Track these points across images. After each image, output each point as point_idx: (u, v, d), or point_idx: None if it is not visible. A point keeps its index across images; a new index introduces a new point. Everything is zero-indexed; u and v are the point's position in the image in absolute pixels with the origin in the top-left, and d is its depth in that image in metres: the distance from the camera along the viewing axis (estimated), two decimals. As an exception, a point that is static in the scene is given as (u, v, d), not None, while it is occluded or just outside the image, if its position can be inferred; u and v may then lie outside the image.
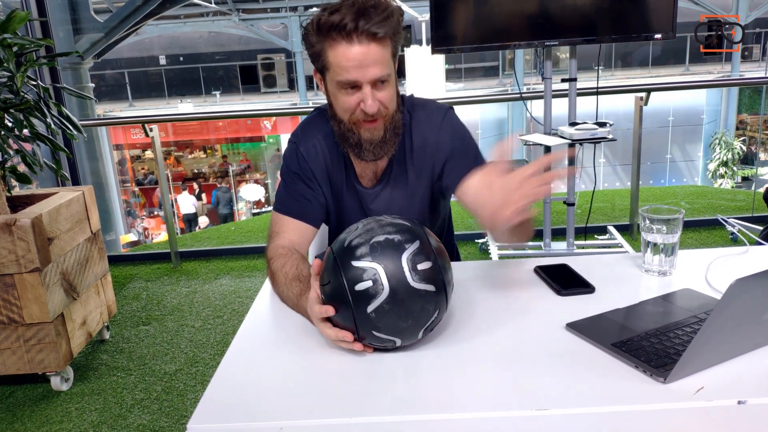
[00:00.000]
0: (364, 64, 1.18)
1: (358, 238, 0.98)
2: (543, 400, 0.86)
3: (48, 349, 2.29)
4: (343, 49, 1.18)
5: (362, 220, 1.04)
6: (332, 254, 0.99)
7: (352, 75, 1.19)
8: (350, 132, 1.28)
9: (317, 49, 1.21)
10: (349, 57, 1.17)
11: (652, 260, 1.26)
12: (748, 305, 0.84)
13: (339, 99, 1.25)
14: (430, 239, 1.00)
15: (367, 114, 1.24)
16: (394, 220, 1.01)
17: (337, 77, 1.21)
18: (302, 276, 1.20)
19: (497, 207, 1.04)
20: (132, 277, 3.66)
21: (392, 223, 1.00)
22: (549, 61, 2.97)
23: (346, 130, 1.29)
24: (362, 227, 1.00)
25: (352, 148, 1.31)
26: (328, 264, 1.00)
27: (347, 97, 1.23)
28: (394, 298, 0.93)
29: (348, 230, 1.02)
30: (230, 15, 13.69)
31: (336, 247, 1.00)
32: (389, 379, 0.95)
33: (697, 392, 0.86)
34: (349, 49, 1.17)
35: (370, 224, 1.00)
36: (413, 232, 0.99)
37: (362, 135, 1.28)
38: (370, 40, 1.17)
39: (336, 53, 1.19)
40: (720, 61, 13.80)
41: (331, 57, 1.20)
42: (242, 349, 1.07)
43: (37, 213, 2.21)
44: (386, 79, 1.23)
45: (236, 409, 0.89)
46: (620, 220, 4.11)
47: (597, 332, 1.02)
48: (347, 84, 1.21)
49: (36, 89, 2.43)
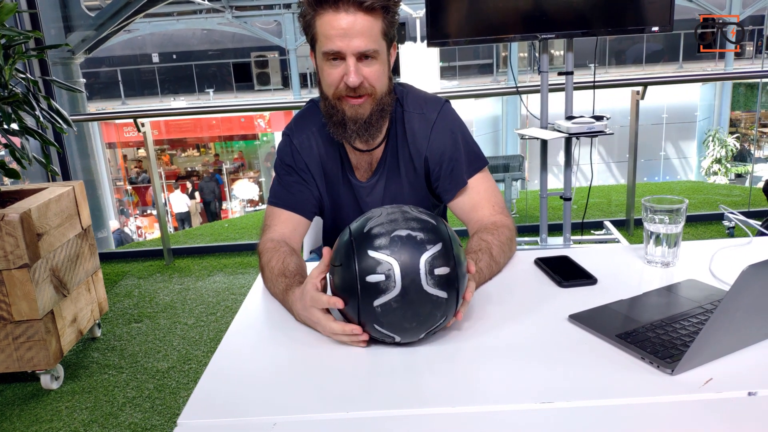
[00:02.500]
0: (349, 34, 1.16)
1: (379, 227, 0.93)
2: (547, 393, 0.83)
3: (37, 347, 2.25)
4: (329, 18, 1.16)
5: (386, 207, 0.99)
6: (350, 236, 0.94)
7: (336, 44, 1.17)
8: (334, 109, 1.26)
9: (308, 19, 1.20)
10: (334, 25, 1.16)
11: (655, 251, 1.23)
12: (759, 293, 0.81)
13: (324, 72, 1.23)
14: (454, 243, 0.94)
15: (350, 88, 1.21)
16: (420, 215, 0.96)
17: (323, 48, 1.19)
18: (288, 271, 1.16)
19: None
20: (124, 274, 3.61)
21: (418, 218, 0.94)
22: (545, 54, 2.94)
23: (330, 107, 1.26)
24: (386, 215, 0.95)
25: (337, 127, 1.28)
26: (342, 246, 0.95)
27: (332, 70, 1.21)
28: (404, 297, 0.89)
29: (370, 215, 0.97)
30: (223, 12, 13.62)
31: (355, 230, 0.95)
32: (388, 373, 0.92)
33: (706, 384, 0.83)
34: (335, 17, 1.16)
35: (395, 214, 0.95)
36: (438, 232, 0.93)
37: (346, 111, 1.25)
38: (357, 9, 1.15)
39: (323, 22, 1.17)
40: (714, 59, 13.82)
41: (319, 26, 1.18)
42: (234, 345, 1.04)
43: (25, 208, 2.17)
44: (373, 55, 1.20)
45: (228, 405, 0.86)
46: (616, 216, 4.10)
47: (601, 323, 0.99)
48: (331, 54, 1.19)
49: (25, 82, 2.39)
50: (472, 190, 1.37)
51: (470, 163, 1.38)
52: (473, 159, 1.38)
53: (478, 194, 1.37)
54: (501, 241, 1.26)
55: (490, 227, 1.29)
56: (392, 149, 1.37)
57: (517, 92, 3.20)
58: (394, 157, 1.37)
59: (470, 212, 1.36)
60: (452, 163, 1.36)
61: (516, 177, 4.24)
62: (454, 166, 1.36)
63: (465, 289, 0.96)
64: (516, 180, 4.26)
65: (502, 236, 1.27)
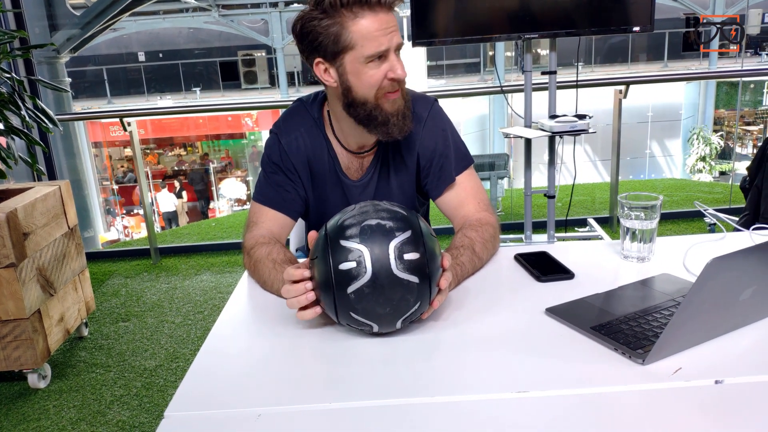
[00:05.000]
0: (389, 31, 1.20)
1: (351, 218, 0.98)
2: (523, 383, 0.86)
3: (24, 346, 2.25)
4: (369, 20, 1.18)
5: (360, 202, 1.03)
6: (325, 231, 0.99)
7: (383, 43, 1.20)
8: (376, 109, 1.26)
9: (333, 31, 1.19)
10: (377, 26, 1.18)
11: (631, 246, 1.27)
12: (724, 285, 0.85)
13: (364, 76, 1.23)
14: (423, 231, 0.98)
15: (393, 83, 1.24)
16: (391, 207, 1.01)
17: (366, 51, 1.20)
18: (293, 260, 1.21)
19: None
20: (111, 273, 3.61)
21: (387, 210, 0.99)
22: (529, 54, 2.97)
23: (372, 109, 1.26)
24: (358, 209, 1.00)
25: (380, 127, 1.28)
26: (319, 240, 1.00)
27: (374, 71, 1.22)
28: (374, 282, 0.93)
29: (344, 210, 1.02)
30: (210, 11, 13.56)
31: (329, 225, 1.00)
32: (368, 364, 0.94)
33: (675, 373, 0.86)
34: (375, 17, 1.18)
35: (366, 207, 1.00)
36: (407, 221, 0.98)
37: (388, 109, 1.26)
38: (388, 7, 1.20)
39: (361, 26, 1.18)
40: (698, 57, 13.96)
41: (356, 32, 1.18)
42: (220, 339, 1.06)
43: (11, 207, 2.17)
44: (400, 47, 1.25)
45: (214, 397, 0.88)
46: (600, 213, 4.15)
47: (576, 316, 1.02)
48: (376, 55, 1.20)
49: (10, 82, 2.39)
50: (458, 186, 1.41)
51: (458, 161, 1.41)
52: (461, 157, 1.42)
53: (465, 191, 1.41)
54: (484, 238, 1.29)
55: (475, 224, 1.32)
56: (384, 147, 1.40)
57: (502, 91, 3.23)
58: (386, 155, 1.40)
59: (456, 209, 1.40)
60: (441, 160, 1.40)
61: (501, 175, 4.28)
62: (444, 163, 1.40)
63: (439, 277, 0.99)
64: (501, 178, 4.30)
65: (485, 233, 1.30)
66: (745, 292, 0.89)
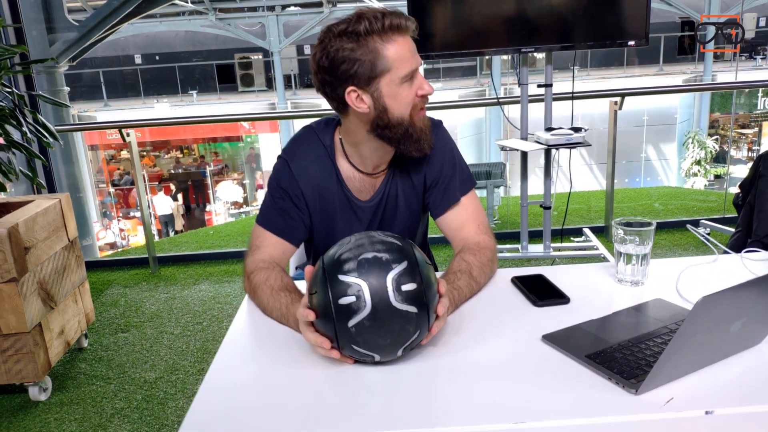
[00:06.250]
0: (414, 51, 1.28)
1: (348, 252, 1.00)
2: (519, 413, 0.88)
3: (26, 360, 2.27)
4: (401, 43, 1.25)
5: (355, 234, 1.05)
6: (322, 265, 1.01)
7: (413, 63, 1.27)
8: (412, 127, 1.31)
9: (368, 58, 1.23)
10: (407, 48, 1.26)
11: (625, 270, 1.30)
12: (714, 320, 0.88)
13: (401, 96, 1.27)
14: (419, 260, 1.01)
15: (425, 98, 1.31)
16: (386, 237, 1.03)
17: (401, 73, 1.25)
18: (290, 286, 1.23)
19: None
20: (110, 283, 3.63)
21: (383, 241, 1.02)
22: (525, 67, 3.01)
23: (408, 127, 1.30)
24: (354, 242, 1.02)
25: (413, 144, 1.33)
26: (317, 274, 1.02)
27: (408, 90, 1.28)
28: (375, 315, 0.95)
29: (340, 243, 1.04)
30: (207, 14, 13.57)
31: (327, 258, 1.02)
32: (369, 393, 0.97)
33: (667, 403, 0.89)
34: (406, 41, 1.26)
35: (361, 240, 1.02)
36: (403, 251, 1.01)
37: (420, 125, 1.32)
38: (408, 31, 1.27)
39: (395, 49, 1.24)
40: (693, 61, 14.04)
41: (393, 55, 1.24)
42: (226, 362, 1.09)
43: (13, 222, 2.19)
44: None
45: (222, 422, 0.91)
46: (596, 222, 4.18)
47: (572, 344, 1.05)
48: (411, 74, 1.27)
49: (11, 96, 2.41)
50: (460, 207, 1.44)
51: (462, 182, 1.46)
52: (465, 178, 1.47)
53: (466, 212, 1.44)
54: (482, 262, 1.32)
55: (473, 248, 1.36)
56: (394, 167, 1.43)
57: (498, 103, 3.26)
58: (395, 174, 1.44)
59: (457, 230, 1.44)
60: (447, 180, 1.44)
61: (498, 184, 4.31)
62: (449, 184, 1.44)
63: (436, 304, 1.02)
64: (498, 187, 4.33)
65: (483, 257, 1.33)
66: (735, 324, 0.92)
